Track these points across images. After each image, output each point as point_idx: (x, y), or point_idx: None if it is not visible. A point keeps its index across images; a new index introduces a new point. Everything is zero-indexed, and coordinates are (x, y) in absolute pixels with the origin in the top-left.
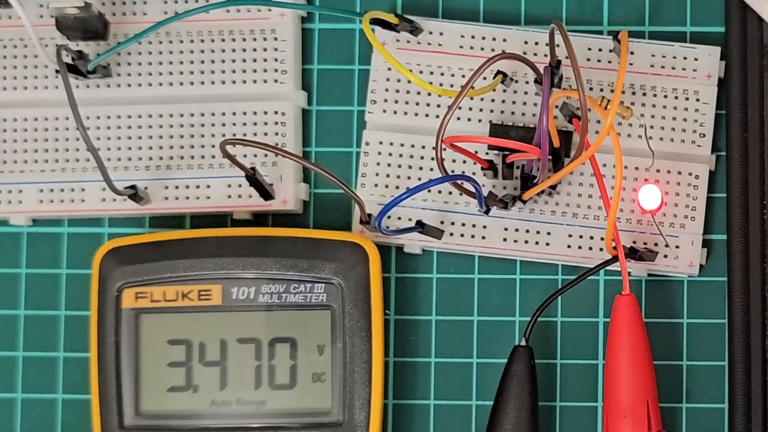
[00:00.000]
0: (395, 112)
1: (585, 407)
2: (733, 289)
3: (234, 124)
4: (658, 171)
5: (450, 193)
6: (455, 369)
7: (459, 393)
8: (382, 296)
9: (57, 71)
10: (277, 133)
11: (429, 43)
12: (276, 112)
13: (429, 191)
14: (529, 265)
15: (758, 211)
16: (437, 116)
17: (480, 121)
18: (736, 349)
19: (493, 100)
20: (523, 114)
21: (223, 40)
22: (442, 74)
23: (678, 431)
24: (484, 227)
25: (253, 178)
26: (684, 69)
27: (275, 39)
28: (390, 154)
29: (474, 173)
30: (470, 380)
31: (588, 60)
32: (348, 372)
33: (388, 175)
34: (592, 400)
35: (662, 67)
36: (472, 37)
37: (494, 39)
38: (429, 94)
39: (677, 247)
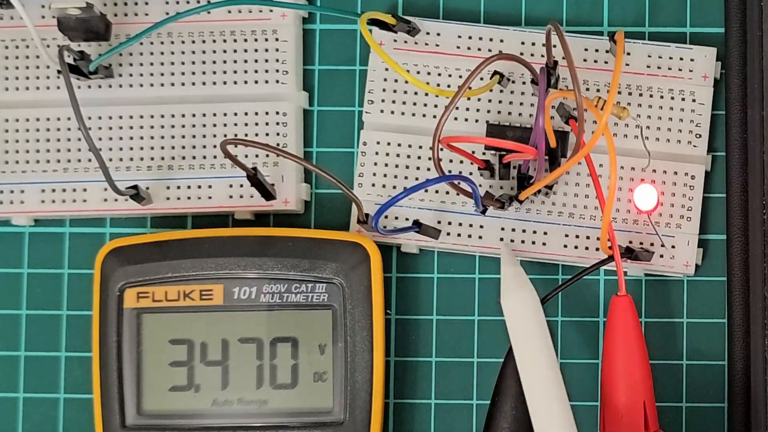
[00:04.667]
0: (392, 113)
1: (585, 406)
2: (733, 288)
3: (235, 125)
4: (654, 171)
5: (447, 193)
6: (456, 368)
7: (459, 392)
8: (383, 296)
9: (59, 72)
10: (278, 134)
11: (426, 44)
12: (277, 113)
13: (426, 191)
14: (529, 265)
15: (758, 211)
16: (434, 116)
17: (477, 121)
18: (736, 348)
19: (490, 101)
20: (520, 114)
21: (225, 41)
22: (440, 74)
23: (678, 431)
24: (481, 227)
25: (254, 178)
26: (680, 70)
27: (276, 40)
28: (387, 154)
29: (471, 173)
30: (471, 380)
31: (585, 60)
32: (349, 371)
33: (385, 175)
34: (592, 399)
35: (658, 67)
36: (470, 37)
37: (491, 39)
38: (426, 95)
39: (673, 247)
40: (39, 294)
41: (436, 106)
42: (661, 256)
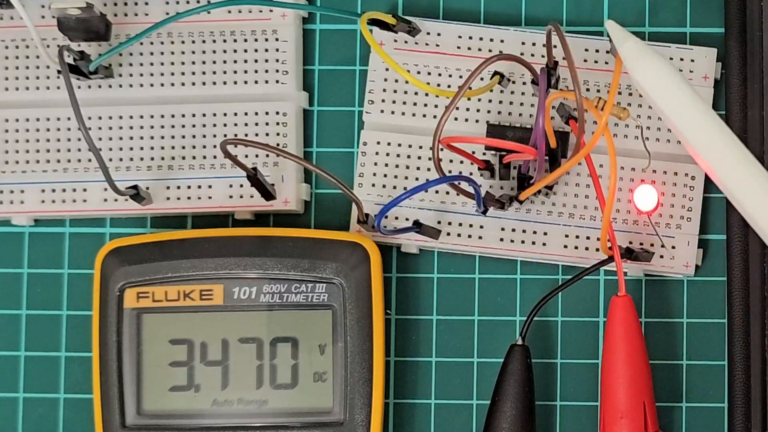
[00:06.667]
0: (393, 113)
1: (584, 407)
2: (733, 289)
3: (235, 125)
4: (654, 172)
5: (447, 193)
6: (456, 368)
7: (460, 392)
8: (383, 296)
9: (59, 72)
10: (278, 134)
11: (427, 44)
12: (277, 113)
13: (426, 191)
14: (529, 265)
15: None
16: (434, 116)
17: (477, 121)
18: (736, 348)
19: (490, 101)
20: (520, 114)
21: (225, 41)
22: (440, 75)
23: (677, 431)
24: (481, 227)
25: (254, 178)
26: (680, 70)
27: (276, 40)
28: (387, 155)
29: (471, 173)
30: (471, 380)
31: (585, 61)
32: (349, 371)
33: (385, 175)
34: (592, 399)
35: None
36: (470, 37)
37: (492, 40)
38: (426, 95)
39: (673, 247)
40: (39, 294)
41: (436, 106)
42: (661, 256)
